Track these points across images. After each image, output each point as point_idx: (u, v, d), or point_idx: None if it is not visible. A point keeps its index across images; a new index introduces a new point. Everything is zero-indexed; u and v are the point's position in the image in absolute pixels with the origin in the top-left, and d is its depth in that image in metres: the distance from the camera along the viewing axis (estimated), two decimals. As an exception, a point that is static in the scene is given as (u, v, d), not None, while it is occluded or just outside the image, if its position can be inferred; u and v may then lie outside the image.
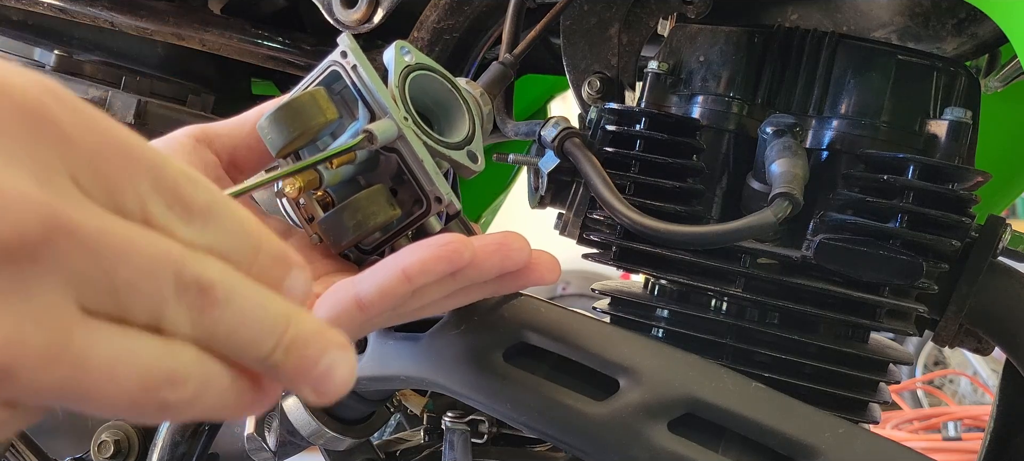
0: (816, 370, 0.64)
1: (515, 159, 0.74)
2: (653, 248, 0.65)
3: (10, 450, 0.95)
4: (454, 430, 0.79)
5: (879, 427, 0.68)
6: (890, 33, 0.70)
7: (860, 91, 0.66)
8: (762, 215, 0.59)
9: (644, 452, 0.53)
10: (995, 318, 0.68)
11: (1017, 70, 0.78)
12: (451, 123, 0.58)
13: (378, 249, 0.54)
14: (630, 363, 0.55)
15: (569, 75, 0.78)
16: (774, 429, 0.53)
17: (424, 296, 0.47)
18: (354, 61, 0.52)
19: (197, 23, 0.89)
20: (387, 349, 0.60)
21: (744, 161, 0.68)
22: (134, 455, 0.91)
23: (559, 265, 0.50)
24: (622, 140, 0.68)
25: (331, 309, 0.45)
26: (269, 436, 0.83)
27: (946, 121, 0.64)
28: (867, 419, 0.66)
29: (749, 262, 0.64)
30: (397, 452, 0.93)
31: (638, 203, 0.64)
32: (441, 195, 0.53)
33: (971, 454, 3.32)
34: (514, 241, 0.48)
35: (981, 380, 4.02)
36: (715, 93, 0.69)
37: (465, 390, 0.56)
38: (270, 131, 0.49)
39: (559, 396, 0.55)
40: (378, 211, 0.51)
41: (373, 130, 0.50)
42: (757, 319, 0.66)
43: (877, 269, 0.61)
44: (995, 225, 0.68)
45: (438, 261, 0.44)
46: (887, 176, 0.62)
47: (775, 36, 0.69)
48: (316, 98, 0.50)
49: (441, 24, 0.80)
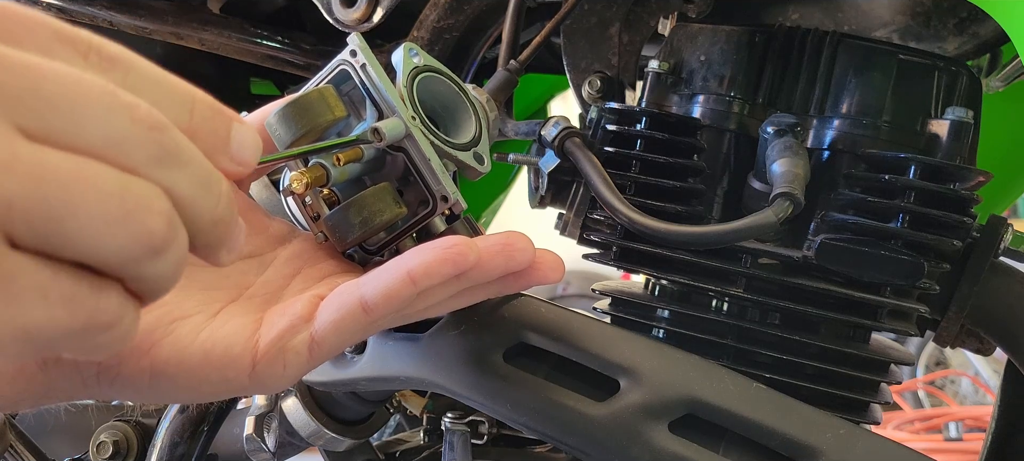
0: (817, 371, 0.64)
1: (515, 159, 0.74)
2: (654, 248, 0.65)
3: (10, 450, 0.95)
4: (454, 431, 0.79)
5: (880, 428, 0.67)
6: (891, 32, 0.69)
7: (861, 91, 0.65)
8: (763, 215, 0.59)
9: (644, 453, 0.53)
10: (996, 318, 0.68)
11: (1018, 69, 0.78)
12: (457, 125, 0.58)
13: (383, 250, 0.54)
14: (630, 364, 0.55)
15: (569, 75, 0.78)
16: (775, 430, 0.53)
17: (429, 298, 0.46)
18: (363, 60, 0.52)
19: (196, 22, 0.89)
20: (387, 350, 0.60)
21: (745, 161, 0.68)
22: (133, 455, 0.91)
23: (563, 264, 0.50)
24: (623, 140, 0.68)
25: (336, 311, 0.44)
26: (268, 437, 0.83)
27: (948, 121, 0.64)
28: (868, 420, 0.66)
29: (750, 262, 0.64)
30: (397, 453, 0.92)
31: (639, 203, 0.64)
32: (447, 194, 0.52)
33: (972, 455, 3.32)
34: (518, 241, 0.48)
35: (982, 380, 4.02)
36: (716, 92, 0.69)
37: (465, 391, 0.56)
38: (278, 127, 0.49)
39: (559, 397, 0.55)
40: (384, 208, 0.51)
41: (381, 127, 0.50)
42: (758, 319, 0.66)
43: (878, 269, 0.61)
44: (996, 225, 0.68)
45: (443, 263, 0.44)
46: (888, 176, 0.62)
47: (776, 35, 0.68)
48: (325, 95, 0.50)
49: (441, 23, 0.79)
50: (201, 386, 0.44)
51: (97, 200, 0.29)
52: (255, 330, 0.44)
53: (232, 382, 0.44)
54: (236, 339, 0.44)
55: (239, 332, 0.44)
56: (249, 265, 0.51)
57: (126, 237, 0.30)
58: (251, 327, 0.44)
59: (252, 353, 0.43)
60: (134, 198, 0.30)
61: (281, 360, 0.44)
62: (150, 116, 0.32)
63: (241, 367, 0.43)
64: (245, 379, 0.44)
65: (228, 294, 0.48)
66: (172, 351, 0.43)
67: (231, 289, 0.48)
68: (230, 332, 0.44)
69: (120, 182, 0.30)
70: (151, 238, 0.31)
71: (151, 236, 0.31)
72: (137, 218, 0.30)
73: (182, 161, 0.33)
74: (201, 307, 0.45)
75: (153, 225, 0.31)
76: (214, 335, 0.44)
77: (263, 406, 0.83)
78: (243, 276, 0.50)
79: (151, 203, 0.31)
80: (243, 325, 0.44)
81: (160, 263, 0.32)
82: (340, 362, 0.63)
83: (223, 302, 0.47)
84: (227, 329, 0.44)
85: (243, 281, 0.49)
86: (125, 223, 0.30)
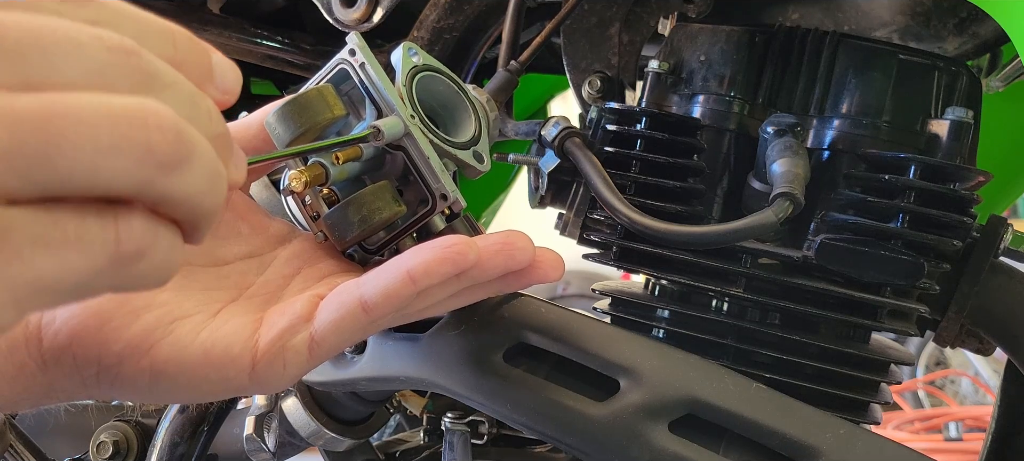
0: (817, 371, 0.64)
1: (515, 159, 0.74)
2: (654, 248, 0.65)
3: (10, 450, 0.95)
4: (454, 431, 0.79)
5: (880, 428, 0.67)
6: (891, 32, 0.69)
7: (861, 91, 0.65)
8: (763, 215, 0.59)
9: (645, 453, 0.53)
10: (996, 318, 0.68)
11: (1018, 69, 0.78)
12: (457, 125, 0.58)
13: (382, 249, 0.54)
14: (631, 364, 0.55)
15: (569, 75, 0.78)
16: (775, 430, 0.53)
17: (429, 297, 0.46)
18: (362, 59, 0.52)
19: (196, 22, 0.89)
20: (387, 349, 0.60)
21: (745, 161, 0.68)
22: (133, 456, 0.91)
23: (563, 263, 0.50)
24: (622, 140, 0.68)
25: (336, 311, 0.44)
26: (268, 437, 0.83)
27: (948, 121, 0.64)
28: (868, 420, 0.66)
29: (750, 262, 0.64)
30: (397, 453, 0.92)
31: (639, 203, 0.64)
32: (446, 192, 0.52)
33: (972, 455, 3.32)
34: (518, 240, 0.48)
35: (982, 380, 4.02)
36: (716, 92, 0.69)
37: (465, 391, 0.56)
38: (277, 126, 0.49)
39: (559, 397, 0.55)
40: (383, 206, 0.51)
41: (380, 126, 0.50)
42: (758, 319, 0.66)
43: (878, 269, 0.61)
44: (996, 225, 0.68)
45: (443, 263, 0.44)
46: (888, 176, 0.62)
47: (776, 35, 0.68)
48: (324, 94, 0.50)
49: (441, 23, 0.79)
50: (201, 386, 0.44)
51: (84, 130, 0.28)
52: (255, 330, 0.44)
53: (232, 382, 0.44)
54: (236, 339, 0.44)
55: (239, 332, 0.44)
56: (249, 265, 0.51)
57: (127, 159, 0.29)
58: (251, 327, 0.44)
59: (252, 353, 0.44)
60: (127, 119, 0.29)
61: (281, 360, 0.44)
62: (123, 43, 0.31)
63: (241, 367, 0.43)
64: (245, 379, 0.44)
65: (228, 294, 0.48)
66: (172, 351, 0.43)
67: (231, 289, 0.48)
68: (230, 332, 0.44)
69: (107, 107, 0.29)
70: (155, 154, 0.29)
71: (154, 152, 0.29)
72: (134, 138, 0.29)
73: (167, 82, 0.32)
74: (201, 307, 0.45)
75: (155, 140, 0.29)
76: (214, 335, 0.44)
77: (263, 406, 0.83)
78: (243, 276, 0.50)
79: (146, 119, 0.29)
80: (243, 325, 0.44)
81: (184, 177, 0.30)
82: (340, 362, 0.63)
83: (223, 302, 0.47)
84: (227, 329, 0.44)
85: (243, 281, 0.49)
86: (122, 146, 0.29)
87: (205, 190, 0.32)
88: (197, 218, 0.32)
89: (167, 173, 0.30)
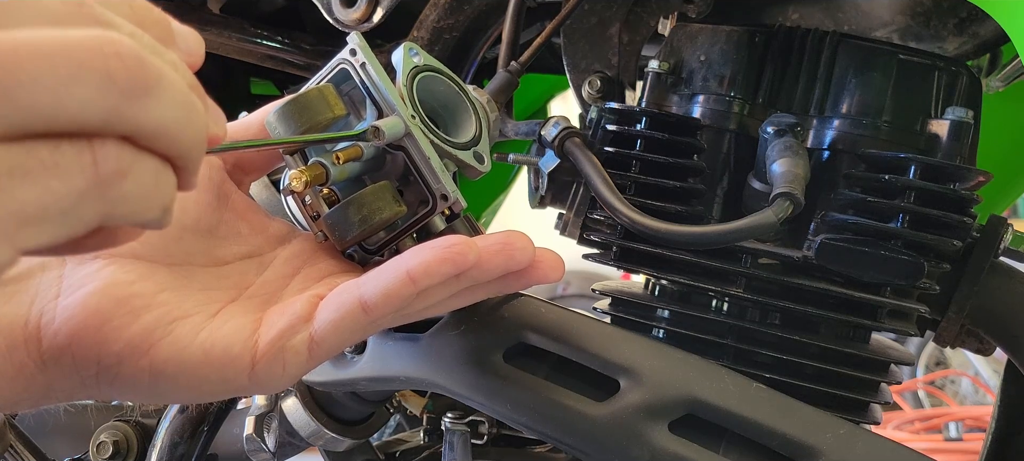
0: (817, 371, 0.64)
1: (515, 159, 0.74)
2: (654, 248, 0.65)
3: (10, 450, 0.95)
4: (454, 431, 0.79)
5: (880, 428, 0.67)
6: (891, 32, 0.69)
7: (861, 91, 0.65)
8: (763, 215, 0.59)
9: (644, 453, 0.53)
10: (996, 318, 0.68)
11: (1018, 70, 0.78)
12: (458, 125, 0.58)
13: (382, 249, 0.54)
14: (630, 364, 0.55)
15: (569, 75, 0.78)
16: (775, 430, 0.53)
17: (429, 297, 0.46)
18: (363, 59, 0.52)
19: (195, 22, 0.89)
20: (387, 349, 0.60)
21: (745, 161, 0.68)
22: (133, 456, 0.91)
23: (563, 263, 0.50)
24: (622, 140, 0.68)
25: (336, 311, 0.44)
26: (268, 437, 0.83)
27: (948, 121, 0.64)
28: (868, 420, 0.66)
29: (750, 262, 0.64)
30: (397, 453, 0.92)
31: (639, 203, 0.64)
32: (447, 192, 0.52)
33: (973, 455, 3.32)
34: (518, 240, 0.48)
35: (982, 380, 4.03)
36: (716, 92, 0.69)
37: (465, 391, 0.56)
38: (277, 125, 0.49)
39: (559, 397, 0.55)
40: (383, 206, 0.51)
41: (380, 126, 0.50)
42: (758, 320, 0.66)
43: (878, 269, 0.61)
44: (996, 225, 0.68)
45: (443, 263, 0.44)
46: (888, 176, 0.62)
47: (776, 35, 0.68)
48: (324, 93, 0.50)
49: (441, 23, 0.79)
50: (201, 386, 0.44)
51: (40, 62, 0.28)
52: (255, 330, 0.44)
53: (232, 382, 0.44)
54: (236, 339, 0.44)
55: (239, 332, 0.44)
56: (249, 265, 0.51)
57: (88, 88, 0.29)
58: (251, 327, 0.44)
59: (252, 353, 0.43)
60: (82, 48, 0.29)
61: (281, 360, 0.44)
62: None
63: (241, 367, 0.43)
64: (245, 379, 0.44)
65: (227, 294, 0.48)
66: (172, 351, 0.43)
67: (230, 289, 0.48)
68: (230, 332, 0.44)
69: (62, 39, 0.29)
70: (116, 80, 0.29)
71: (114, 78, 0.29)
72: (92, 65, 0.29)
73: (126, 30, 0.32)
74: (200, 307, 0.45)
75: (113, 66, 0.29)
76: (214, 335, 0.44)
77: (263, 406, 0.83)
78: (242, 276, 0.50)
79: (102, 47, 0.29)
80: (243, 325, 0.44)
81: (152, 104, 0.30)
82: (340, 362, 0.63)
83: (222, 302, 0.47)
84: (227, 329, 0.44)
85: (242, 281, 0.49)
86: (80, 75, 0.29)
87: (180, 121, 0.32)
88: (178, 151, 0.32)
89: (132, 101, 0.30)
